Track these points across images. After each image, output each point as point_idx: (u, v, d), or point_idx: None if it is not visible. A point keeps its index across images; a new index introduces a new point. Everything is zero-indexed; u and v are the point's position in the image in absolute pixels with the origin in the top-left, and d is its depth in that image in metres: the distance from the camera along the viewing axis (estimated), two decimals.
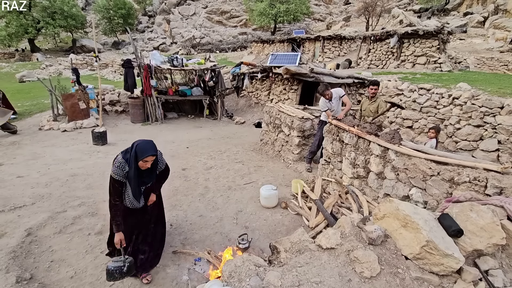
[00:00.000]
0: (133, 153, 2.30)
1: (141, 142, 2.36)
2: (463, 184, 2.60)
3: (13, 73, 20.11)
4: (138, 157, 2.30)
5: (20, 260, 2.77)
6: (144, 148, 2.31)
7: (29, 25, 27.90)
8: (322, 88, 4.92)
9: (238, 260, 1.90)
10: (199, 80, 10.76)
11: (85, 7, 41.60)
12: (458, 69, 12.87)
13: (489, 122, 5.49)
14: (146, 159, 2.31)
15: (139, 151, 2.29)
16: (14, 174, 4.93)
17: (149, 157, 2.31)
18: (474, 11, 24.44)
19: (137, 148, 2.30)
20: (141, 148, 2.31)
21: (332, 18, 34.01)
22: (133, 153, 2.30)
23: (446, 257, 1.60)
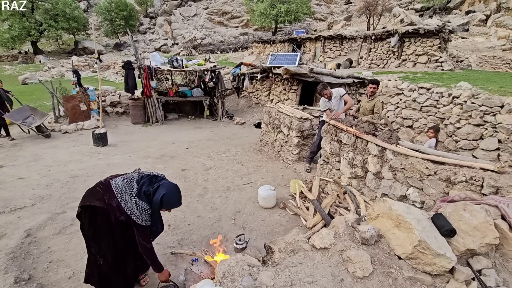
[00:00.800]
0: (158, 202, 2.10)
1: (169, 193, 2.13)
2: (460, 184, 2.59)
3: (16, 75, 20.29)
4: (163, 207, 2.16)
5: (19, 260, 2.80)
6: (171, 201, 2.16)
7: (32, 27, 28.17)
8: (320, 87, 4.93)
9: (232, 260, 1.91)
10: (200, 81, 10.79)
11: (87, 9, 41.89)
12: (459, 68, 12.81)
13: (489, 121, 5.46)
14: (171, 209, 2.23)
15: (166, 203, 2.13)
16: (15, 176, 4.98)
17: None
18: (476, 9, 24.30)
19: (164, 199, 2.10)
20: (169, 201, 2.14)
21: (333, 17, 33.96)
22: (157, 202, 2.10)
23: (438, 256, 1.60)
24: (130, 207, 2.05)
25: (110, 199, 2.07)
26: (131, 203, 2.06)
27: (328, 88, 4.92)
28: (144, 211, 2.07)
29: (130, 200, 2.06)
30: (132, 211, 2.05)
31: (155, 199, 2.10)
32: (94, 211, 2.12)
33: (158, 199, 2.09)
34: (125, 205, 2.05)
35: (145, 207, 2.07)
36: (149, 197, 2.10)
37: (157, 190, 2.12)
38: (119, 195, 2.07)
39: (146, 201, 2.09)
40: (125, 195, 2.08)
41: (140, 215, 2.06)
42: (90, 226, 2.17)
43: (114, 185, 2.12)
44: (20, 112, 7.33)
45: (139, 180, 2.16)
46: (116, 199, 2.06)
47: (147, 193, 2.10)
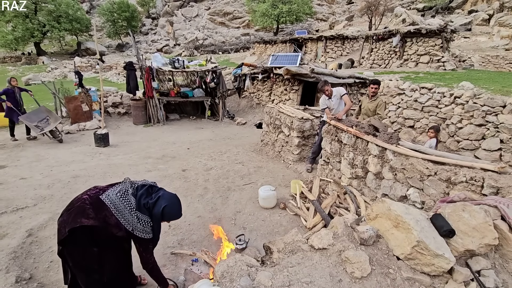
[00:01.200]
0: (159, 215, 2.03)
1: (170, 205, 2.05)
2: (460, 184, 2.58)
3: (19, 76, 20.43)
4: (164, 219, 2.09)
5: (20, 260, 2.82)
6: (172, 212, 2.08)
7: (35, 29, 28.40)
8: (322, 84, 4.90)
9: (230, 260, 1.92)
10: (201, 81, 10.82)
11: (89, 10, 42.13)
12: (462, 67, 12.75)
13: (491, 121, 5.43)
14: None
15: (167, 215, 2.06)
16: (18, 176, 5.02)
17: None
18: (479, 8, 24.17)
19: (165, 211, 2.03)
20: (170, 212, 2.06)
21: (335, 17, 33.92)
22: (158, 215, 2.02)
23: (437, 257, 1.59)
24: (131, 223, 1.94)
25: (106, 216, 1.91)
26: (132, 219, 1.94)
27: (329, 84, 4.90)
28: (147, 224, 1.98)
29: (131, 216, 1.95)
30: (134, 227, 1.94)
31: (156, 212, 2.01)
32: (90, 232, 1.89)
33: (159, 212, 2.01)
34: (125, 221, 1.93)
35: (147, 220, 1.98)
36: (149, 210, 2.01)
37: (157, 202, 2.03)
38: (117, 212, 1.92)
39: (147, 214, 1.99)
40: (123, 211, 1.94)
41: (143, 229, 1.97)
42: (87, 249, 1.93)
43: (107, 201, 1.94)
44: (37, 113, 7.04)
45: (135, 193, 2.04)
46: (114, 217, 1.91)
47: (147, 206, 2.01)
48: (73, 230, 1.84)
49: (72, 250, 1.93)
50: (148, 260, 2.11)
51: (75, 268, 1.99)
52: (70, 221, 1.87)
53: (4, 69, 24.61)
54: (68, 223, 1.86)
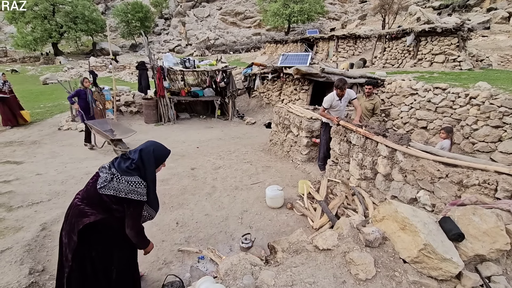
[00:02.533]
0: (152, 160, 1.94)
1: (155, 146, 2.00)
2: (472, 187, 2.50)
3: (37, 76, 21.18)
4: (157, 162, 2.00)
5: (34, 253, 2.93)
6: (161, 148, 2.03)
7: (53, 29, 29.34)
8: (343, 81, 4.46)
9: (234, 258, 1.93)
10: (211, 81, 10.90)
11: (104, 11, 43.15)
12: (479, 67, 12.32)
13: (509, 122, 5.23)
14: (164, 162, 2.08)
15: (158, 155, 1.98)
16: (34, 172, 5.20)
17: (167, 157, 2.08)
18: (499, 6, 23.30)
19: (155, 154, 1.96)
20: (159, 150, 2.01)
21: (347, 17, 33.47)
22: (151, 160, 1.94)
23: (445, 261, 1.55)
24: (123, 190, 1.82)
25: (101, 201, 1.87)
26: (122, 186, 1.82)
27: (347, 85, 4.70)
28: (139, 185, 1.85)
29: (120, 183, 1.82)
30: (128, 191, 1.83)
31: (147, 158, 1.90)
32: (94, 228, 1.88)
33: (150, 155, 1.91)
34: (117, 191, 1.82)
35: (137, 181, 1.85)
36: (137, 169, 1.87)
37: (142, 154, 1.90)
38: (108, 189, 1.83)
39: (135, 174, 1.86)
40: (112, 185, 1.83)
41: (136, 191, 1.84)
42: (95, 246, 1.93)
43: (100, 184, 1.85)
44: (102, 124, 6.43)
45: (111, 167, 1.90)
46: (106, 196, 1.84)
47: (132, 167, 1.86)
48: (80, 232, 1.84)
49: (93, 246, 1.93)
50: (137, 227, 1.96)
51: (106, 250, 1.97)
52: (72, 228, 1.87)
53: (23, 69, 25.53)
54: (72, 231, 1.87)
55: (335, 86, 4.55)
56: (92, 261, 1.95)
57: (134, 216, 1.92)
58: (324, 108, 4.71)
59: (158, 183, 5.04)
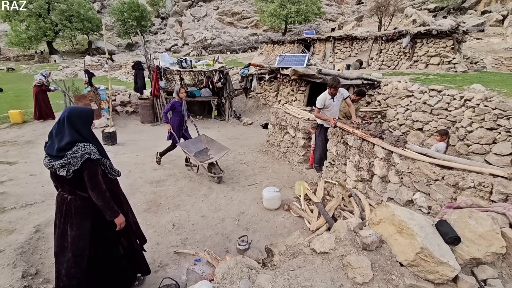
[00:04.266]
0: (81, 122, 1.97)
1: (77, 110, 2.04)
2: (468, 190, 2.52)
3: (32, 75, 20.91)
4: (88, 121, 2.08)
5: (27, 255, 2.88)
6: (84, 110, 2.08)
7: (48, 28, 29.03)
8: (336, 81, 4.48)
9: (231, 262, 1.92)
10: (208, 81, 10.87)
11: (100, 10, 42.83)
12: (474, 69, 12.47)
13: (503, 125, 5.30)
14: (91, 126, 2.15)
15: (86, 116, 2.05)
16: (28, 172, 5.13)
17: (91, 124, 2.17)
18: (493, 9, 23.60)
19: (82, 115, 2.01)
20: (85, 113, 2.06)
21: (344, 18, 33.65)
22: (80, 124, 1.96)
23: (441, 264, 1.56)
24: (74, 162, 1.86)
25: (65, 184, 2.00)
26: (71, 160, 1.86)
27: (340, 85, 4.72)
28: (84, 147, 1.89)
29: (68, 158, 1.85)
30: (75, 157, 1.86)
31: (74, 124, 1.91)
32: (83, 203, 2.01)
33: (77, 120, 1.94)
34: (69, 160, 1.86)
35: (80, 145, 1.90)
36: (70, 145, 1.88)
37: (68, 123, 1.91)
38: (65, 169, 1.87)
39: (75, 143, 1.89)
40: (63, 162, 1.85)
41: (87, 150, 1.89)
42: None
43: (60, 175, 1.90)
44: (195, 143, 5.43)
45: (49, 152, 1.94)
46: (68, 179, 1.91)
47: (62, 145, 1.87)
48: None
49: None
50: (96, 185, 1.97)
51: None
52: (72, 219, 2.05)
53: (17, 67, 25.21)
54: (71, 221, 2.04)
55: (328, 85, 4.57)
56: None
57: (92, 175, 1.95)
58: (318, 109, 4.69)
59: (154, 184, 4.97)
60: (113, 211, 2.09)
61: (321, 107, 4.64)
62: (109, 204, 2.06)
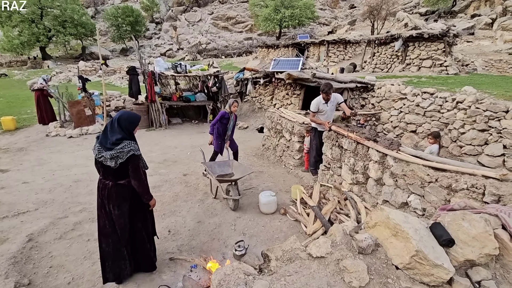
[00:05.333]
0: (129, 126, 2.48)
1: (127, 115, 2.52)
2: (461, 191, 2.55)
3: (24, 80, 20.70)
4: (134, 126, 2.56)
5: (20, 265, 2.83)
6: (133, 116, 2.57)
7: (41, 33, 28.79)
8: (328, 86, 4.50)
9: (227, 268, 1.91)
10: (203, 86, 10.87)
11: (94, 15, 42.69)
12: (465, 71, 12.69)
13: (494, 126, 5.38)
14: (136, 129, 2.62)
15: (133, 121, 2.53)
16: (20, 180, 5.06)
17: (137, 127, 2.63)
18: (482, 13, 24.13)
19: (130, 121, 2.49)
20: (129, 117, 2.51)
21: (337, 22, 34.03)
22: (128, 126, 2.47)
23: (436, 267, 1.57)
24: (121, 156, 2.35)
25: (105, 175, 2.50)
26: (119, 154, 2.34)
27: (333, 89, 4.77)
28: (130, 144, 2.38)
29: (116, 152, 2.34)
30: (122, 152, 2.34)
31: (124, 126, 2.42)
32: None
33: (126, 123, 2.43)
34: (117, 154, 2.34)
35: (128, 142, 2.38)
36: (119, 141, 2.36)
37: (119, 124, 2.41)
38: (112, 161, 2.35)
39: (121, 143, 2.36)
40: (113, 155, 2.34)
41: (133, 147, 2.39)
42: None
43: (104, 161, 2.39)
44: (222, 166, 4.85)
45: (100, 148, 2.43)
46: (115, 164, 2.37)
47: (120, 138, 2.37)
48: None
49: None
50: (138, 176, 2.48)
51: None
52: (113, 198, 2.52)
53: (10, 73, 24.93)
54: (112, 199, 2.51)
55: (320, 90, 4.60)
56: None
57: (136, 168, 2.46)
58: (313, 113, 4.72)
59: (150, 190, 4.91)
60: (149, 195, 2.65)
61: (315, 111, 4.67)
62: (147, 190, 2.61)
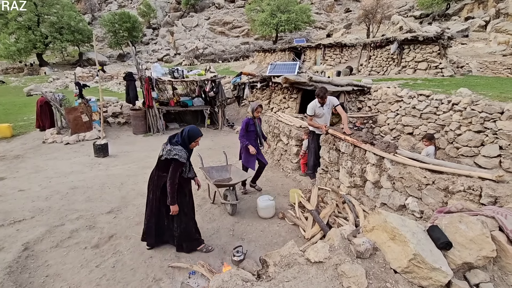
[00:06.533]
0: (187, 137, 2.94)
1: (190, 128, 3.01)
2: (458, 193, 2.56)
3: (21, 87, 20.65)
4: (191, 139, 2.97)
5: (15, 275, 2.79)
6: (194, 131, 3.00)
7: (38, 40, 28.83)
8: (323, 90, 4.50)
9: (225, 275, 1.89)
10: (200, 90, 10.89)
11: (91, 21, 42.83)
12: (460, 73, 12.81)
13: (490, 127, 5.42)
14: (197, 140, 3.04)
15: (191, 134, 2.96)
16: (16, 188, 5.01)
17: (199, 138, 3.04)
18: (475, 15, 24.46)
19: (189, 134, 2.95)
20: (192, 132, 2.98)
21: (333, 26, 34.33)
22: (186, 138, 2.94)
23: (434, 270, 1.57)
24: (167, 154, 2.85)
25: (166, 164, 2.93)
26: (168, 152, 2.85)
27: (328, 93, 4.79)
28: (180, 151, 2.85)
29: (173, 150, 2.85)
30: (170, 152, 2.84)
31: (184, 136, 2.94)
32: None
33: (186, 134, 2.94)
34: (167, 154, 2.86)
35: (180, 148, 2.86)
36: (181, 142, 2.92)
37: (182, 132, 2.98)
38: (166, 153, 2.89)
39: (178, 145, 2.89)
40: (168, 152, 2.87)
41: (178, 154, 2.83)
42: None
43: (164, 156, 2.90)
44: (220, 171, 4.82)
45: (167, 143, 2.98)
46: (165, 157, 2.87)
47: (178, 141, 2.94)
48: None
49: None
50: (173, 180, 2.90)
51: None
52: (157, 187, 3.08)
53: (7, 80, 24.86)
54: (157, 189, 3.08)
55: (316, 95, 4.62)
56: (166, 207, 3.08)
57: (174, 170, 2.88)
58: (310, 116, 4.72)
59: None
60: (173, 199, 2.95)
61: (312, 114, 4.68)
62: (173, 192, 2.93)
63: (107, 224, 3.84)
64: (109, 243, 3.43)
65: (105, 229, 3.72)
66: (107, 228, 3.74)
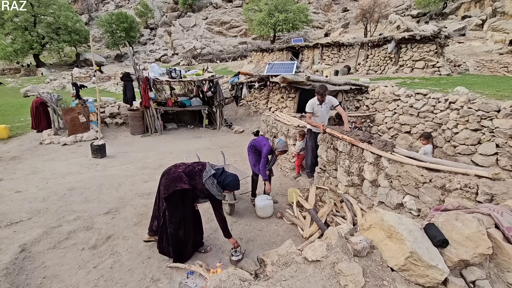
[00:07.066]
0: (227, 185, 3.02)
1: (233, 180, 3.04)
2: (455, 191, 2.57)
3: (18, 88, 20.54)
4: (228, 188, 3.07)
5: (12, 277, 2.77)
6: (234, 185, 3.07)
7: (34, 41, 28.67)
8: (323, 88, 4.57)
9: (223, 274, 1.89)
10: (198, 90, 10.88)
11: (88, 22, 42.66)
12: (457, 72, 12.87)
13: (487, 126, 5.45)
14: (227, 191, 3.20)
15: (230, 186, 3.04)
16: (13, 189, 4.98)
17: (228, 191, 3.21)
18: (472, 14, 24.56)
19: (230, 183, 3.02)
20: (233, 185, 3.06)
21: (330, 25, 34.39)
22: (226, 185, 3.02)
23: (430, 268, 1.57)
24: (212, 190, 2.96)
25: (196, 183, 2.96)
26: (213, 188, 2.96)
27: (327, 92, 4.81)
28: (220, 191, 3.01)
29: (213, 186, 2.97)
30: (214, 193, 2.97)
31: (225, 184, 3.02)
32: (183, 194, 2.94)
33: (227, 183, 3.02)
34: (209, 188, 2.95)
35: (220, 189, 3.00)
36: (220, 183, 3.00)
37: (226, 178, 3.04)
38: (205, 183, 2.95)
39: (220, 186, 3.01)
40: (208, 183, 2.95)
41: (218, 193, 2.98)
42: (179, 204, 2.97)
43: (204, 178, 2.96)
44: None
45: (215, 173, 3.02)
46: (201, 185, 2.95)
47: (220, 181, 3.01)
48: (174, 191, 2.86)
49: (170, 206, 2.96)
50: (219, 214, 3.08)
51: (169, 220, 3.01)
52: (171, 184, 2.89)
53: (3, 81, 24.72)
54: (170, 186, 2.89)
55: (316, 92, 4.68)
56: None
57: (217, 207, 3.07)
58: (309, 114, 4.76)
59: (145, 197, 4.90)
60: (227, 232, 3.17)
61: (311, 111, 4.73)
62: (226, 228, 3.16)
63: (104, 225, 3.82)
64: (106, 244, 3.42)
65: (103, 230, 3.71)
66: (105, 229, 3.72)
